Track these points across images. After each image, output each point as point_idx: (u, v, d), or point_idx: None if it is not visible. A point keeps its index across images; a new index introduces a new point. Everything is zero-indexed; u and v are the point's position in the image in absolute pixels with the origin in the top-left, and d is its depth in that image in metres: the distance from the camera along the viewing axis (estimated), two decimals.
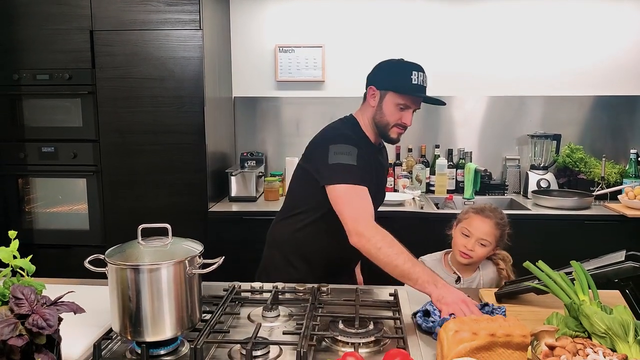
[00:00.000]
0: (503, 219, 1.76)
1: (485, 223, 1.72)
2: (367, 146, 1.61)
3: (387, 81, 1.58)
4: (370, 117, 1.62)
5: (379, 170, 1.70)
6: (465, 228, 1.73)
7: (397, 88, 1.56)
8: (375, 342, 1.15)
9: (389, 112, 1.57)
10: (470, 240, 1.71)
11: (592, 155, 3.08)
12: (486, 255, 1.73)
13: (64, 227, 2.68)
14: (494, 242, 1.72)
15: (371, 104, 1.61)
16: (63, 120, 2.61)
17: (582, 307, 1.09)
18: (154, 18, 2.51)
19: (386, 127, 1.60)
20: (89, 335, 1.12)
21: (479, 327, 1.04)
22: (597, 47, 3.12)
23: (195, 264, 1.09)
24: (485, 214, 1.74)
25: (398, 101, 1.56)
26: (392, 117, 1.58)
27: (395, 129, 1.60)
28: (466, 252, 1.71)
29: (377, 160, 1.69)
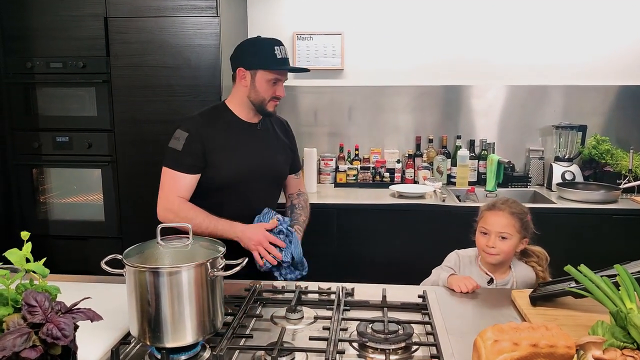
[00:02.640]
0: (517, 208, 1.70)
1: (499, 215, 1.67)
2: (234, 125, 1.70)
3: (255, 61, 1.64)
4: (243, 97, 1.69)
5: (258, 145, 1.73)
6: (482, 227, 1.70)
7: (265, 65, 1.63)
8: (406, 348, 1.09)
9: (263, 89, 1.65)
10: (491, 237, 1.66)
11: (619, 147, 2.97)
12: (512, 249, 1.67)
13: (79, 218, 2.65)
14: (514, 232, 1.66)
15: (243, 85, 1.67)
16: (77, 109, 2.57)
17: (630, 315, 1.02)
18: (170, 4, 2.44)
19: (263, 102, 1.67)
20: (106, 339, 1.07)
21: (520, 337, 0.97)
22: (622, 34, 2.99)
23: (218, 266, 1.03)
24: (497, 207, 1.71)
25: (269, 77, 1.64)
26: (267, 93, 1.66)
27: (271, 103, 1.69)
28: (490, 251, 1.65)
29: (253, 137, 1.73)
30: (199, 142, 1.61)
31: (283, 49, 1.67)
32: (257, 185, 1.71)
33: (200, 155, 1.62)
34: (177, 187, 1.61)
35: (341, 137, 3.16)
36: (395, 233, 2.62)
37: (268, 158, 1.75)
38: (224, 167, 1.64)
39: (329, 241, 2.65)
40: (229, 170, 1.65)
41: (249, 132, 1.72)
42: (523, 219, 1.69)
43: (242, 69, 1.66)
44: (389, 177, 3.02)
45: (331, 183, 3.07)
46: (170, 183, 1.62)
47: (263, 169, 1.73)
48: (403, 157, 3.11)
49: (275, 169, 1.80)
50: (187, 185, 1.62)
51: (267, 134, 1.79)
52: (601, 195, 2.64)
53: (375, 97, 3.12)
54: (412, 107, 3.12)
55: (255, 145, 1.72)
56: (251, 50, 1.68)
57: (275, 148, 1.80)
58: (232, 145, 1.67)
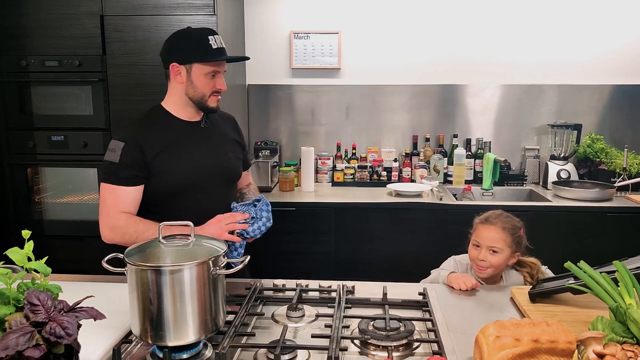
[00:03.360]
0: (510, 223, 1.70)
1: (491, 230, 1.68)
2: (175, 127, 1.57)
3: (189, 54, 1.52)
4: (181, 95, 1.56)
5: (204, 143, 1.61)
6: (475, 240, 1.71)
7: (201, 58, 1.51)
8: (407, 345, 1.09)
9: (201, 83, 1.53)
10: (481, 251, 1.67)
11: (613, 145, 3.00)
12: (503, 262, 1.67)
13: (75, 218, 2.63)
14: (505, 247, 1.66)
15: (179, 81, 1.54)
16: (73, 108, 2.55)
17: (629, 311, 1.03)
18: (167, 3, 2.42)
19: (203, 98, 1.55)
20: (108, 338, 1.06)
21: (521, 333, 0.98)
22: (617, 34, 3.01)
23: (220, 264, 1.03)
24: (489, 221, 1.71)
25: (206, 70, 1.52)
26: (206, 87, 1.54)
27: (212, 98, 1.56)
28: (480, 265, 1.67)
29: (196, 136, 1.60)
30: (137, 150, 1.48)
31: (218, 38, 1.54)
32: (211, 187, 1.58)
33: (141, 164, 1.48)
34: (119, 203, 1.48)
35: (338, 136, 3.16)
36: (392, 231, 2.63)
37: (217, 157, 1.63)
38: (170, 172, 1.52)
39: (327, 240, 2.65)
40: (177, 176, 1.52)
41: (191, 132, 1.59)
42: (515, 234, 1.69)
43: (176, 64, 1.52)
44: (386, 175, 3.03)
45: (328, 182, 3.07)
46: (111, 199, 1.48)
47: (214, 169, 1.60)
48: (400, 156, 3.11)
49: (227, 167, 1.67)
50: (131, 198, 1.49)
51: (213, 131, 1.65)
52: (596, 193, 2.67)
53: (372, 96, 3.13)
54: (408, 106, 3.12)
55: (201, 145, 1.59)
56: (183, 42, 1.54)
57: (223, 145, 1.67)
58: (175, 148, 1.53)
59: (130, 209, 1.49)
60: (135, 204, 1.51)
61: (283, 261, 2.62)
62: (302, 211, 2.66)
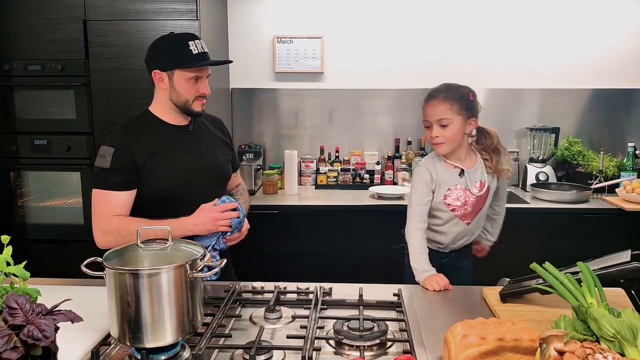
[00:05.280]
0: (452, 90, 1.69)
1: (434, 104, 1.67)
2: (164, 131, 1.59)
3: (169, 60, 1.53)
4: (166, 100, 1.58)
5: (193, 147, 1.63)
6: (424, 120, 1.71)
7: (182, 64, 1.52)
8: (380, 344, 1.13)
9: (183, 89, 1.54)
10: (433, 128, 1.68)
11: (590, 148, 3.07)
12: (457, 132, 1.67)
13: (59, 222, 2.63)
14: (454, 116, 1.65)
15: (162, 88, 1.56)
16: (56, 112, 2.55)
17: (590, 310, 1.08)
18: (150, 8, 2.44)
19: (187, 103, 1.56)
20: (86, 341, 1.08)
21: (487, 332, 1.02)
22: (595, 40, 3.10)
23: (197, 268, 1.06)
24: (431, 96, 1.70)
25: (188, 76, 1.53)
26: (189, 92, 1.55)
27: (197, 102, 1.58)
28: (434, 142, 1.68)
29: (185, 139, 1.62)
30: (127, 155, 1.50)
31: (200, 43, 1.55)
32: (202, 190, 1.59)
33: (132, 169, 1.50)
34: (111, 208, 1.49)
35: (322, 139, 3.20)
36: (374, 234, 2.67)
37: (208, 160, 1.65)
38: (161, 177, 1.53)
39: (310, 242, 2.69)
40: (167, 181, 1.54)
41: (181, 136, 1.61)
42: (462, 99, 1.67)
43: (158, 71, 1.54)
44: (368, 178, 3.07)
45: (312, 185, 3.11)
46: (103, 205, 1.49)
47: (204, 172, 1.62)
48: (382, 159, 3.16)
49: (217, 169, 1.68)
50: (123, 203, 1.50)
51: (202, 134, 1.67)
52: (573, 195, 2.73)
53: (355, 100, 3.17)
54: (391, 109, 3.17)
55: (190, 148, 1.61)
56: (163, 49, 1.55)
57: (213, 148, 1.69)
58: (165, 153, 1.55)
59: (122, 214, 1.51)
60: (127, 209, 1.52)
61: (266, 264, 2.65)
62: (285, 214, 2.69)
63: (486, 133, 1.79)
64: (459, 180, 1.73)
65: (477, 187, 1.74)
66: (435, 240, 1.79)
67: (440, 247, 1.81)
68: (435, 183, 1.72)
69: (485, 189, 1.75)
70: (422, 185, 1.72)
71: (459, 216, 1.75)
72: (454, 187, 1.72)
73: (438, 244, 1.80)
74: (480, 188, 1.74)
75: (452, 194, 1.73)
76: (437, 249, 1.80)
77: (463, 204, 1.73)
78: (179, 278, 1.02)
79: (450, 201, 1.73)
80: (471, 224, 1.77)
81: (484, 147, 1.79)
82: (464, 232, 1.78)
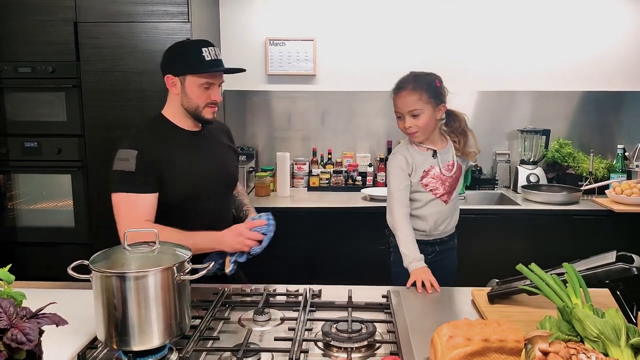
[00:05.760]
0: (419, 80, 1.75)
1: (403, 96, 1.74)
2: (179, 136, 1.59)
3: (182, 66, 1.54)
4: (178, 105, 1.58)
5: (207, 153, 1.65)
6: (395, 111, 1.78)
7: (193, 70, 1.53)
8: (369, 346, 1.14)
9: (194, 95, 1.55)
10: (405, 119, 1.74)
11: (581, 150, 3.10)
12: (429, 119, 1.74)
13: (49, 225, 2.62)
14: (424, 105, 1.72)
15: (175, 93, 1.57)
16: (47, 114, 2.55)
17: (574, 310, 1.09)
18: (141, 10, 2.44)
19: (197, 109, 1.57)
20: (73, 345, 1.08)
21: (472, 333, 1.03)
22: (586, 43, 3.13)
23: (184, 270, 1.06)
24: (399, 88, 1.76)
25: (200, 82, 1.54)
26: (200, 98, 1.55)
27: (207, 109, 1.58)
28: (409, 131, 1.75)
29: (198, 145, 1.63)
30: (151, 157, 1.49)
31: (213, 50, 1.55)
32: (214, 195, 1.62)
33: (156, 172, 1.49)
34: (138, 212, 1.46)
35: (314, 142, 3.21)
36: (366, 235, 2.67)
37: (218, 166, 1.67)
38: (178, 182, 1.53)
39: (302, 244, 2.69)
40: (185, 185, 1.54)
41: (194, 142, 1.62)
42: (430, 87, 1.73)
43: (170, 75, 1.55)
44: (360, 180, 3.08)
45: (304, 187, 3.11)
46: (129, 209, 1.47)
47: (216, 178, 1.65)
48: (375, 161, 3.17)
49: (227, 174, 1.72)
50: (150, 206, 1.49)
51: (213, 140, 1.69)
52: (563, 196, 2.76)
53: (348, 102, 3.18)
54: (383, 112, 3.18)
55: (203, 154, 1.63)
56: (177, 54, 1.56)
57: (223, 154, 1.72)
58: (180, 158, 1.56)
59: (149, 218, 1.49)
60: (154, 212, 1.50)
61: (257, 266, 2.64)
62: (277, 216, 2.65)
63: (455, 116, 1.87)
64: (433, 161, 1.81)
65: (449, 167, 1.82)
66: (418, 228, 1.82)
67: (423, 236, 1.84)
68: (411, 166, 1.79)
69: (456, 168, 1.84)
70: (399, 171, 1.79)
71: (437, 195, 1.81)
72: (430, 167, 1.80)
73: (421, 232, 1.83)
74: (451, 168, 1.83)
75: (428, 174, 1.80)
76: (421, 240, 1.81)
77: (440, 183, 1.81)
78: (166, 281, 1.02)
79: (427, 181, 1.80)
80: (449, 203, 1.84)
81: (452, 129, 1.87)
82: (444, 213, 1.84)
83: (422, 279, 1.54)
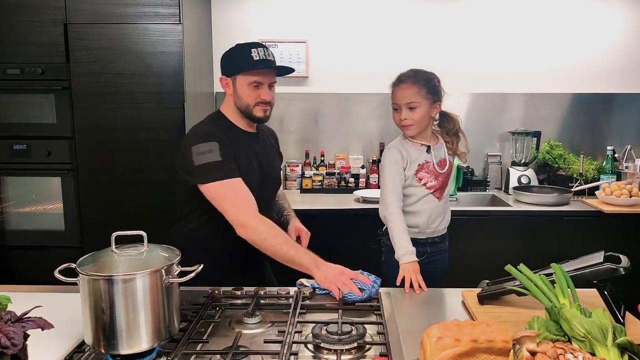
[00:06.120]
0: (420, 76, 1.81)
1: (404, 88, 1.79)
2: (239, 136, 1.65)
3: (232, 66, 1.62)
4: (232, 106, 1.65)
5: (261, 155, 1.70)
6: (393, 103, 1.82)
7: (241, 69, 1.59)
8: (359, 348, 1.14)
9: (244, 94, 1.60)
10: (402, 111, 1.78)
11: (571, 151, 3.12)
12: (425, 115, 1.79)
13: (39, 228, 2.59)
14: (422, 100, 1.77)
15: (228, 93, 1.65)
16: (36, 116, 2.52)
17: (562, 310, 1.10)
18: (132, 11, 2.43)
19: (247, 108, 1.62)
20: (60, 349, 1.07)
21: (461, 333, 1.03)
22: (576, 47, 3.16)
23: (173, 273, 1.05)
24: (401, 80, 1.82)
25: (248, 81, 1.59)
26: (250, 97, 1.60)
27: (257, 108, 1.62)
28: (403, 124, 1.79)
29: (255, 146, 1.69)
30: (229, 148, 1.56)
31: (263, 51, 1.60)
32: (265, 194, 1.68)
33: (234, 160, 1.56)
34: (243, 194, 1.51)
35: (307, 144, 3.21)
36: (359, 237, 2.67)
37: (269, 167, 1.73)
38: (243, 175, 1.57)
39: None
40: (246, 179, 1.57)
41: (252, 142, 1.68)
42: (429, 84, 1.79)
43: (224, 77, 1.64)
44: (353, 182, 3.08)
45: (297, 189, 3.11)
46: (235, 194, 1.51)
47: (269, 177, 1.72)
48: (367, 163, 3.18)
49: (275, 176, 1.80)
50: (245, 188, 1.53)
51: (265, 142, 1.77)
52: (554, 198, 2.78)
53: (340, 104, 3.19)
54: (376, 113, 3.19)
55: (258, 154, 1.68)
56: (229, 56, 1.65)
57: (273, 156, 1.80)
58: (242, 156, 1.61)
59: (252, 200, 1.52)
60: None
61: None
62: None
63: (449, 117, 1.92)
64: (427, 156, 1.85)
65: (441, 163, 1.87)
66: (411, 224, 1.84)
67: (416, 233, 1.85)
68: (405, 160, 1.82)
69: (448, 165, 1.88)
70: (394, 165, 1.82)
71: (431, 190, 1.84)
72: (425, 162, 1.83)
73: (414, 229, 1.85)
74: (444, 165, 1.87)
75: (422, 168, 1.83)
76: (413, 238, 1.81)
77: (434, 177, 1.84)
78: (155, 283, 1.02)
79: (421, 175, 1.83)
80: (441, 200, 1.87)
81: (446, 130, 1.92)
82: (437, 209, 1.87)
83: (411, 277, 1.55)
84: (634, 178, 2.87)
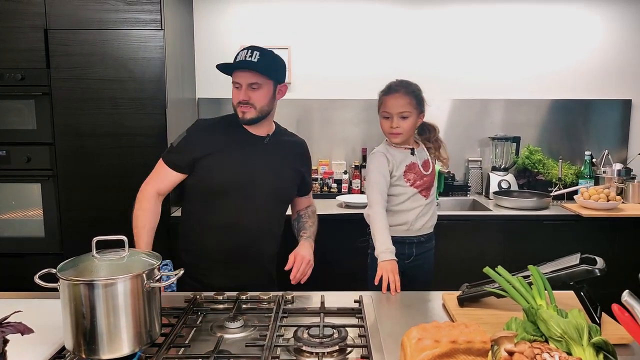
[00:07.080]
0: (411, 87, 1.88)
1: (397, 97, 1.85)
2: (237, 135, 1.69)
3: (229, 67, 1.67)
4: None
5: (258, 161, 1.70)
6: (384, 111, 1.87)
7: (226, 70, 1.65)
8: (340, 351, 1.14)
9: (232, 94, 1.66)
10: (393, 119, 1.84)
11: (550, 156, 3.19)
12: (412, 125, 1.87)
13: (18, 235, 2.55)
14: (412, 110, 1.85)
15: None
16: (16, 122, 2.49)
17: (539, 311, 1.12)
18: (113, 17, 2.43)
19: (234, 109, 1.68)
20: (40, 354, 1.05)
21: (440, 335, 1.05)
22: (555, 54, 3.23)
23: (154, 277, 1.05)
24: (393, 89, 1.88)
25: (233, 81, 1.65)
26: (234, 98, 1.66)
27: (239, 109, 1.65)
28: (394, 132, 1.85)
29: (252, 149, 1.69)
30: (193, 144, 1.65)
31: (247, 52, 1.62)
32: (254, 197, 1.66)
33: (188, 158, 1.64)
34: (159, 179, 1.67)
35: None
36: (341, 242, 2.69)
37: (269, 174, 1.69)
38: (215, 172, 1.64)
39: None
40: (220, 177, 1.64)
41: (251, 143, 1.69)
42: (418, 95, 1.88)
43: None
44: (336, 187, 3.10)
45: None
46: (156, 171, 1.69)
47: (260, 182, 1.68)
48: (350, 168, 3.20)
49: (277, 185, 1.72)
50: (168, 181, 1.67)
51: (275, 150, 1.72)
52: (533, 202, 2.82)
53: (323, 110, 3.21)
54: (358, 119, 3.22)
55: (257, 157, 1.68)
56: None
57: (280, 166, 1.73)
58: (229, 153, 1.65)
59: (162, 188, 1.68)
60: (169, 187, 1.69)
61: None
62: None
63: (430, 127, 2.02)
64: (412, 158, 1.92)
65: (425, 165, 1.94)
66: (399, 222, 1.89)
67: (404, 231, 1.90)
68: (391, 164, 1.88)
69: (432, 167, 1.97)
70: (380, 167, 1.87)
71: (418, 189, 1.90)
72: (411, 163, 1.90)
73: (402, 227, 1.90)
74: (428, 166, 1.95)
75: (409, 170, 1.89)
76: (400, 237, 1.87)
77: (420, 177, 1.90)
78: (136, 288, 1.02)
79: (409, 176, 1.89)
80: (428, 198, 1.94)
81: (427, 138, 2.00)
82: (424, 208, 1.93)
83: (388, 276, 1.58)
84: (612, 182, 2.94)
